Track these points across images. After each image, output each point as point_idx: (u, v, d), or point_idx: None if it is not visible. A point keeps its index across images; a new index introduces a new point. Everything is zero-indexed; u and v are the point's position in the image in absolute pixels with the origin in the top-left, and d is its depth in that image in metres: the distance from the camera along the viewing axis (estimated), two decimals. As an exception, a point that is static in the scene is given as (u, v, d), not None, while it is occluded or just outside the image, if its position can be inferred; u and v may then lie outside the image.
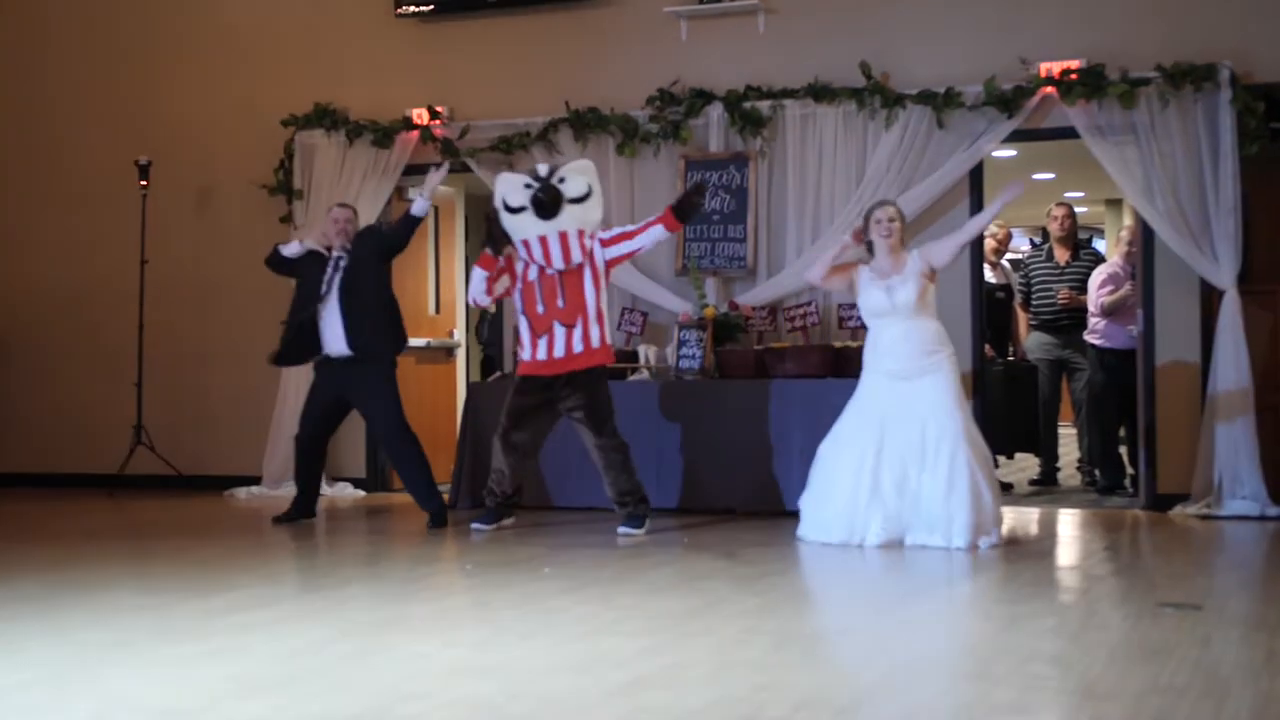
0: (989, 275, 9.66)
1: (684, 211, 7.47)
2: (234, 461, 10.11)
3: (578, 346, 7.48)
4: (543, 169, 7.61)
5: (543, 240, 7.46)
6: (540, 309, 7.53)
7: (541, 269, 7.53)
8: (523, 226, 7.50)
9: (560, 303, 7.48)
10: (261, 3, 10.45)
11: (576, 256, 7.47)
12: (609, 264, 7.60)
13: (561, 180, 7.51)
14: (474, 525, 7.77)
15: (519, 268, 7.65)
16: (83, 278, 10.69)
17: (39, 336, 10.79)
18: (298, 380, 9.80)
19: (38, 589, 5.89)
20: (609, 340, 7.65)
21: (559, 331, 7.49)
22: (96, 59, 10.76)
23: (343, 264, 7.97)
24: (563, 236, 7.45)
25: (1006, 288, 10.14)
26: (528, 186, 7.51)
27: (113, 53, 10.73)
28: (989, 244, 9.73)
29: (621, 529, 7.49)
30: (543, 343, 7.52)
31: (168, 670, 4.36)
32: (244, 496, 9.73)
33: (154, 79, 10.60)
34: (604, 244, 7.56)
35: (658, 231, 7.53)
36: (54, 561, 6.74)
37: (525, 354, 7.62)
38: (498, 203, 7.60)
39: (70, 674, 4.32)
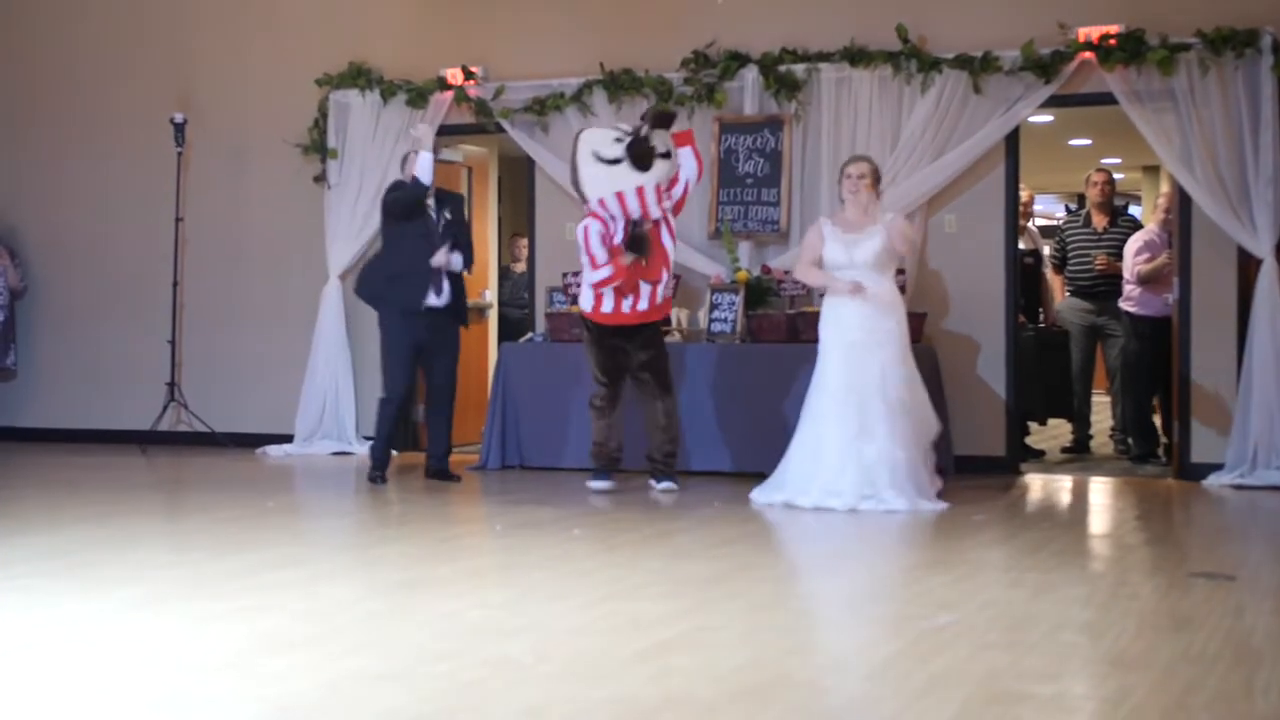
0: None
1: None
2: (266, 420, 10.15)
3: (658, 299, 7.67)
4: (626, 126, 7.71)
5: (639, 191, 7.47)
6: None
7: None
8: (615, 178, 7.52)
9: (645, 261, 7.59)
10: (296, -40, 10.43)
11: (654, 212, 7.54)
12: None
13: (648, 135, 7.56)
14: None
15: (600, 226, 7.61)
16: (117, 234, 10.72)
17: (73, 292, 10.83)
18: (329, 339, 9.82)
19: (71, 544, 5.94)
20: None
21: (644, 288, 7.59)
22: (131, 14, 10.75)
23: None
24: (656, 189, 7.52)
25: (1035, 253, 10.05)
26: (618, 140, 7.56)
27: (147, 7, 10.72)
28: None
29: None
30: (627, 301, 7.61)
31: (199, 626, 4.40)
32: (276, 455, 9.77)
33: (188, 34, 10.58)
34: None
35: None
36: (87, 517, 6.80)
37: (607, 307, 7.65)
38: (585, 155, 7.60)
39: (102, 629, 4.35)
